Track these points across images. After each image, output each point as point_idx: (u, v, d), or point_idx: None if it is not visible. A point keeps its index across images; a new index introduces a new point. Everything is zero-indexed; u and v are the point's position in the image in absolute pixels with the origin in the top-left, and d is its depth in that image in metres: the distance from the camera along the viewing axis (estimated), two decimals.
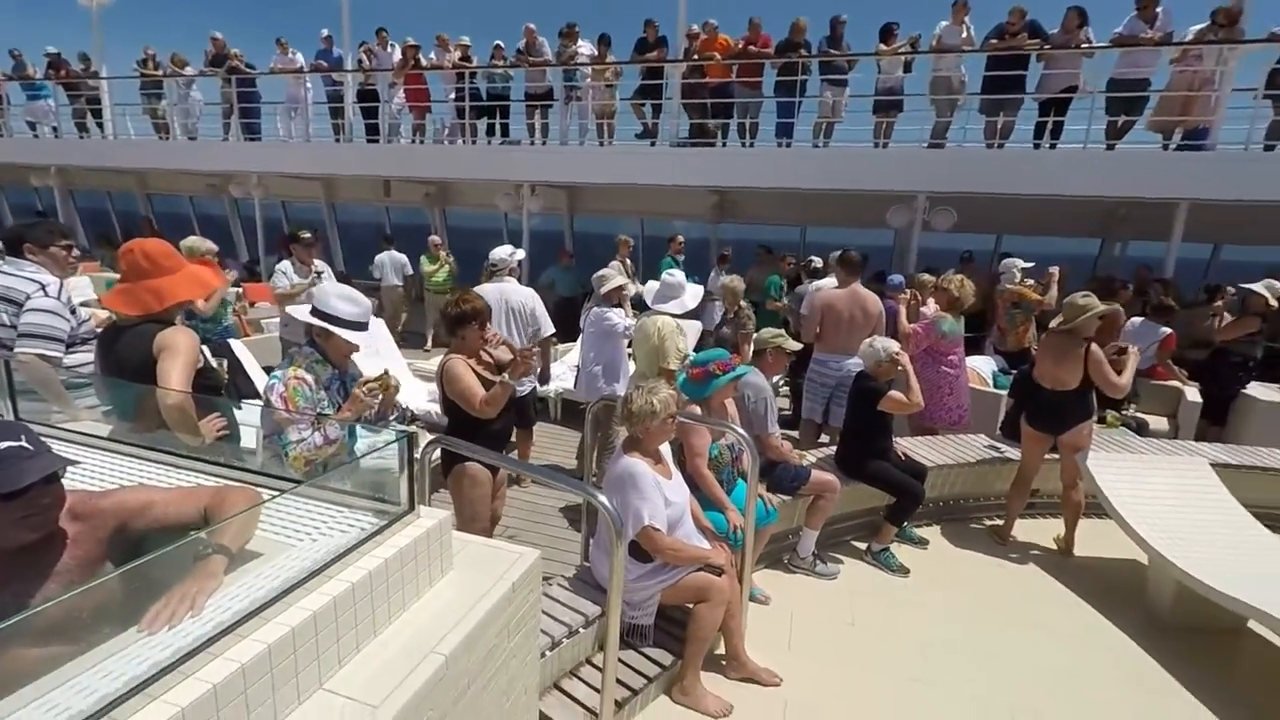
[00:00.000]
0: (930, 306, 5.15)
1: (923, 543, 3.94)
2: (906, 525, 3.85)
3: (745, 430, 2.98)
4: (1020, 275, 5.79)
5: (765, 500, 3.17)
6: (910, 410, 3.73)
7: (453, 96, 9.17)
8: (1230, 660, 3.03)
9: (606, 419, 4.29)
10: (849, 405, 3.89)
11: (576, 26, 8.57)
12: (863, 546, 3.79)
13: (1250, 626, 3.06)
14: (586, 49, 8.56)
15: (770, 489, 3.37)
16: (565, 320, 8.12)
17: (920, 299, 5.33)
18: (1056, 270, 5.70)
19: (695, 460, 3.00)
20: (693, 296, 4.25)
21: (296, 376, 2.32)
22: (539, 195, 8.71)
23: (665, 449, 2.74)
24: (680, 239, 7.84)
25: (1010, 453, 4.26)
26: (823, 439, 5.14)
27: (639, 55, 8.39)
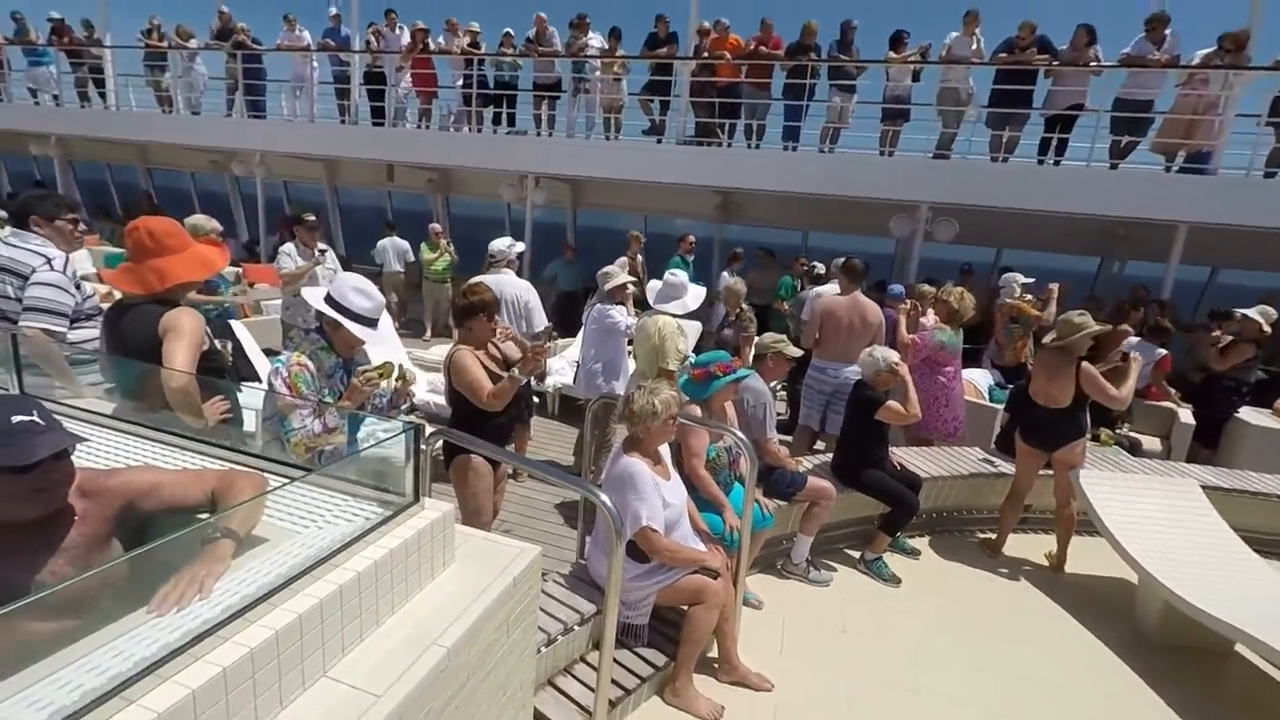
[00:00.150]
0: (929, 317, 5.18)
1: (915, 553, 3.97)
2: (900, 535, 3.88)
3: (744, 434, 2.99)
4: (1020, 290, 5.83)
5: (761, 505, 3.18)
6: (908, 421, 3.75)
7: (460, 83, 9.11)
8: (1216, 682, 3.07)
9: (604, 417, 4.30)
10: (846, 413, 3.91)
11: (588, 18, 8.53)
12: (856, 555, 3.81)
13: (1238, 650, 3.10)
14: (597, 41, 8.53)
15: (766, 494, 3.38)
16: (566, 315, 8.14)
17: (920, 309, 5.35)
18: (1056, 287, 5.74)
19: (692, 461, 3.01)
20: (694, 297, 4.26)
21: (299, 363, 2.31)
22: (543, 187, 8.68)
23: (664, 450, 2.75)
24: (691, 239, 7.77)
25: (1004, 467, 4.30)
26: (818, 446, 5.17)
27: (649, 51, 8.36)
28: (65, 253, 2.54)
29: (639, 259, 7.47)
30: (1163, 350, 5.49)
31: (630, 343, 4.44)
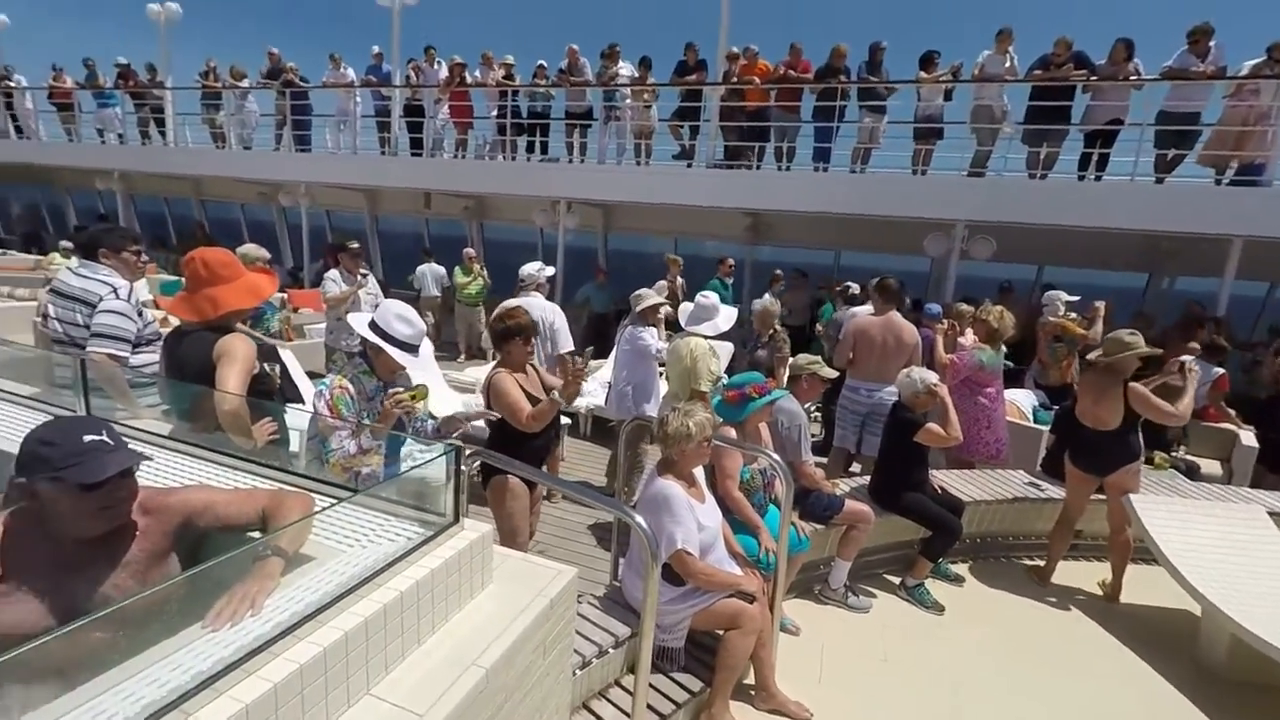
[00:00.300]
0: (968, 337, 5.07)
1: (958, 580, 3.83)
2: (941, 561, 3.76)
3: (778, 456, 2.96)
4: (1063, 308, 5.67)
5: (797, 528, 3.13)
6: (948, 444, 3.66)
7: (495, 113, 9.42)
8: None
9: (636, 439, 4.30)
10: (884, 435, 3.83)
11: (618, 47, 8.74)
12: (896, 580, 3.70)
13: None
14: (627, 70, 8.72)
15: (802, 517, 3.33)
16: (598, 337, 8.24)
17: (959, 329, 5.24)
18: (1102, 305, 5.57)
19: (726, 482, 2.99)
20: (726, 319, 4.26)
21: (341, 386, 2.40)
22: (575, 212, 8.85)
23: (699, 472, 2.74)
24: (730, 261, 7.77)
25: (1052, 491, 4.14)
26: (855, 468, 5.07)
27: (679, 78, 8.51)
28: (129, 282, 2.70)
29: (678, 282, 7.50)
30: (1220, 369, 5.25)
31: (662, 365, 4.45)
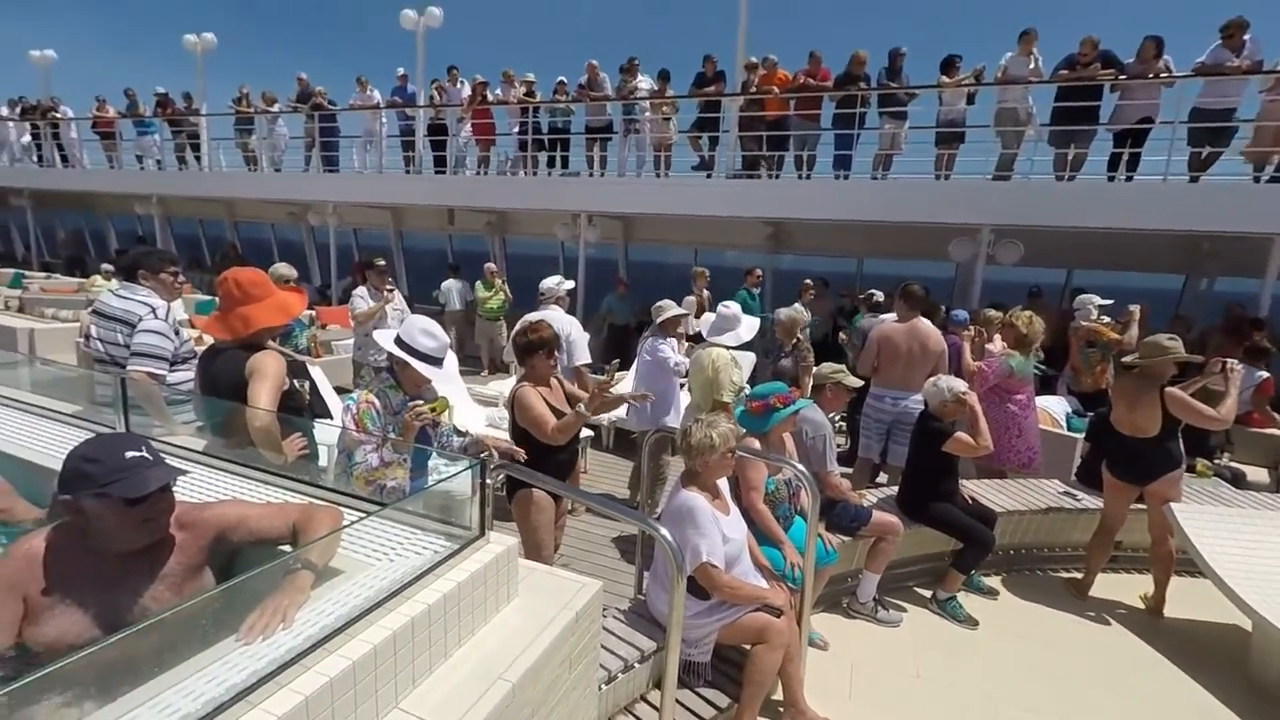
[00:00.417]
0: (997, 343, 4.96)
1: (991, 593, 3.73)
2: (974, 573, 3.67)
3: (803, 467, 2.92)
4: (1096, 312, 5.52)
5: (824, 540, 3.08)
6: (978, 454, 3.57)
7: (516, 130, 9.57)
8: None
9: (659, 450, 4.29)
10: (912, 445, 3.76)
11: (637, 61, 8.83)
12: (927, 594, 3.62)
13: None
14: (646, 84, 8.80)
15: (829, 528, 3.28)
16: (619, 348, 8.27)
17: (986, 335, 5.14)
18: (1136, 309, 5.41)
19: (750, 494, 2.95)
20: (748, 329, 4.24)
21: (367, 400, 2.45)
22: (596, 225, 8.92)
23: (723, 484, 2.71)
24: (758, 272, 7.70)
25: (1088, 501, 4.02)
26: (881, 478, 4.99)
27: (698, 89, 8.56)
28: (167, 302, 2.79)
29: (704, 294, 7.50)
30: (1264, 373, 5.06)
31: (686, 375, 4.45)
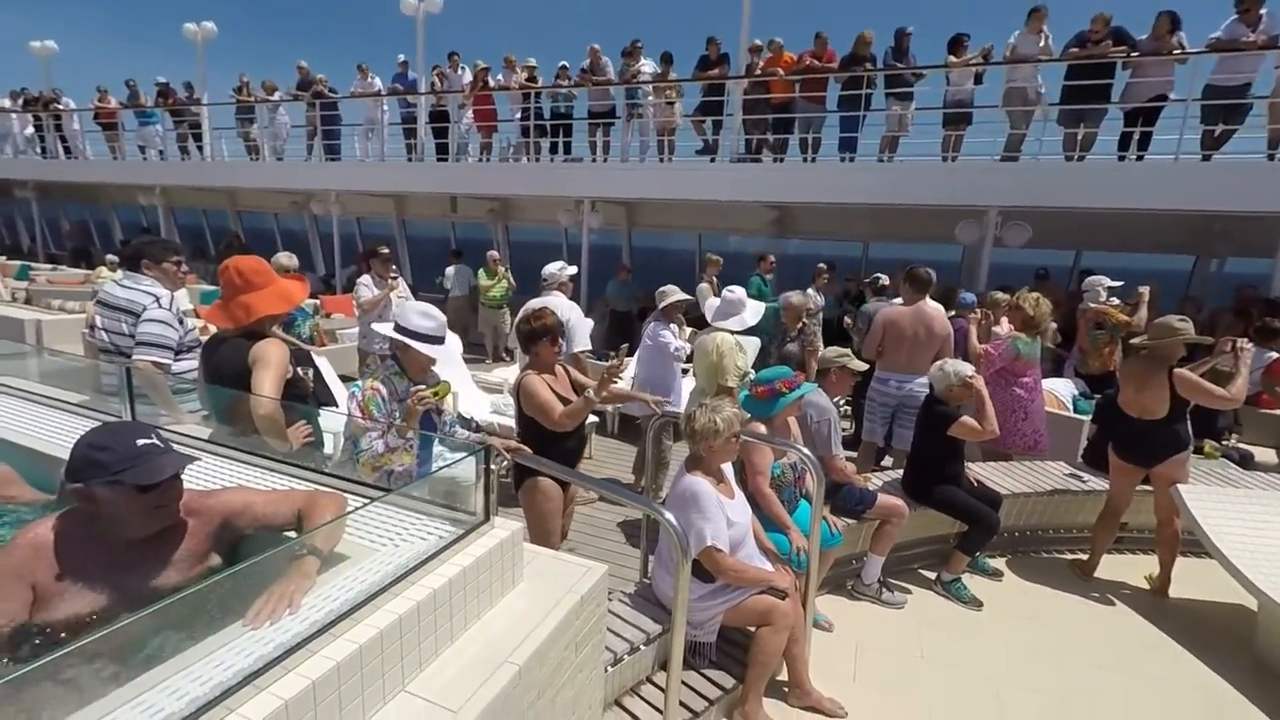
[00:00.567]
0: (1004, 326, 4.92)
1: (997, 575, 3.74)
2: (979, 555, 3.67)
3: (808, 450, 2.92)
4: (1105, 294, 5.47)
5: (830, 523, 3.09)
6: (983, 438, 3.55)
7: (519, 116, 9.49)
8: None
9: (660, 435, 4.29)
10: (918, 428, 3.75)
11: (640, 44, 8.72)
12: (932, 576, 3.63)
13: None
14: (649, 67, 8.69)
15: (834, 511, 3.28)
16: (620, 333, 8.28)
17: (994, 318, 5.10)
18: (1146, 290, 5.35)
19: (756, 479, 2.96)
20: (753, 313, 4.23)
21: (372, 387, 2.46)
22: (599, 211, 8.87)
23: (727, 468, 2.72)
24: (771, 259, 7.62)
25: (1094, 483, 4.00)
26: (886, 461, 4.98)
27: (701, 72, 8.45)
28: (170, 291, 2.79)
29: (714, 282, 7.46)
30: (1273, 354, 5.01)
31: (689, 359, 4.44)
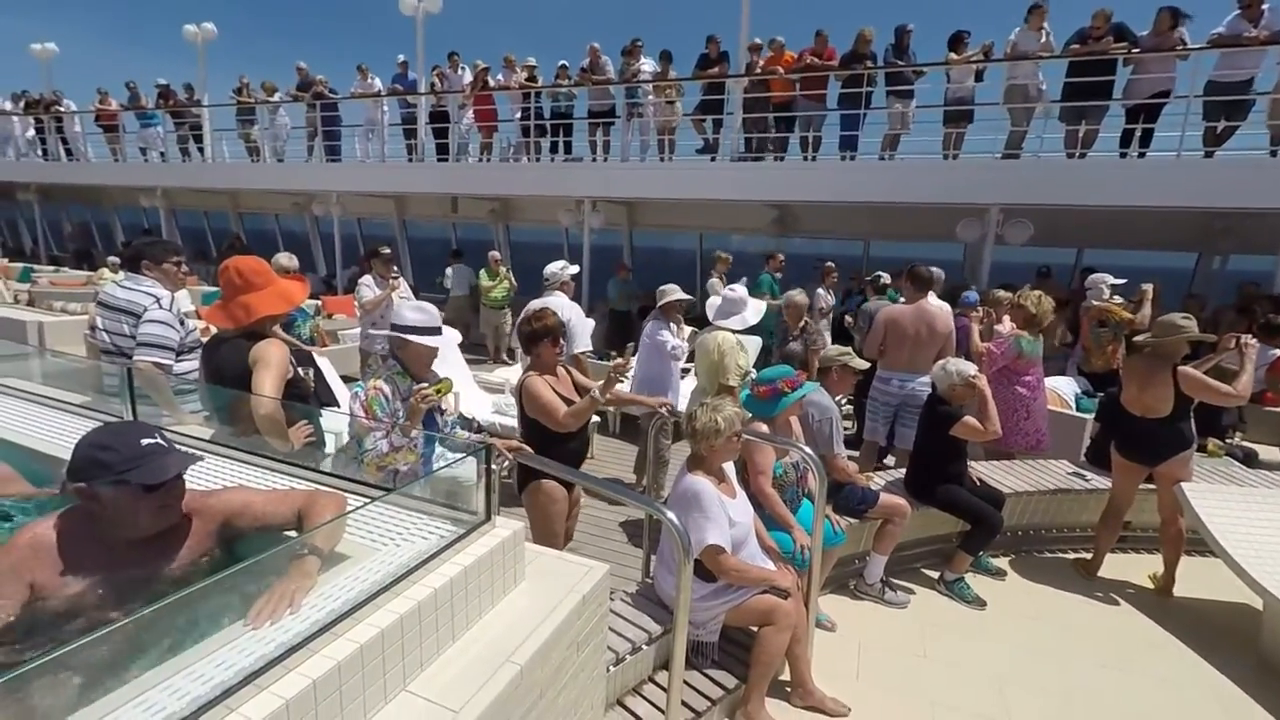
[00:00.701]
0: (1006, 324, 4.91)
1: (999, 574, 3.72)
2: (982, 555, 3.66)
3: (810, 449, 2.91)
4: (1109, 292, 5.45)
5: (832, 522, 3.08)
6: (986, 439, 3.54)
7: (519, 115, 9.48)
8: None
9: (659, 433, 4.28)
10: (920, 427, 3.74)
11: (640, 43, 8.71)
12: (935, 575, 3.62)
13: None
14: (649, 66, 8.69)
15: (836, 510, 3.27)
16: (619, 333, 8.30)
17: (995, 316, 5.09)
18: (1149, 287, 5.34)
19: (759, 479, 2.95)
20: (754, 312, 4.22)
21: (375, 387, 2.45)
22: (600, 210, 8.87)
23: (729, 467, 2.71)
24: (780, 257, 7.60)
25: (1097, 481, 3.99)
26: (889, 460, 4.97)
27: (701, 71, 8.44)
28: (171, 292, 2.79)
29: (724, 279, 7.44)
30: (1278, 351, 5.00)
31: (689, 358, 4.43)
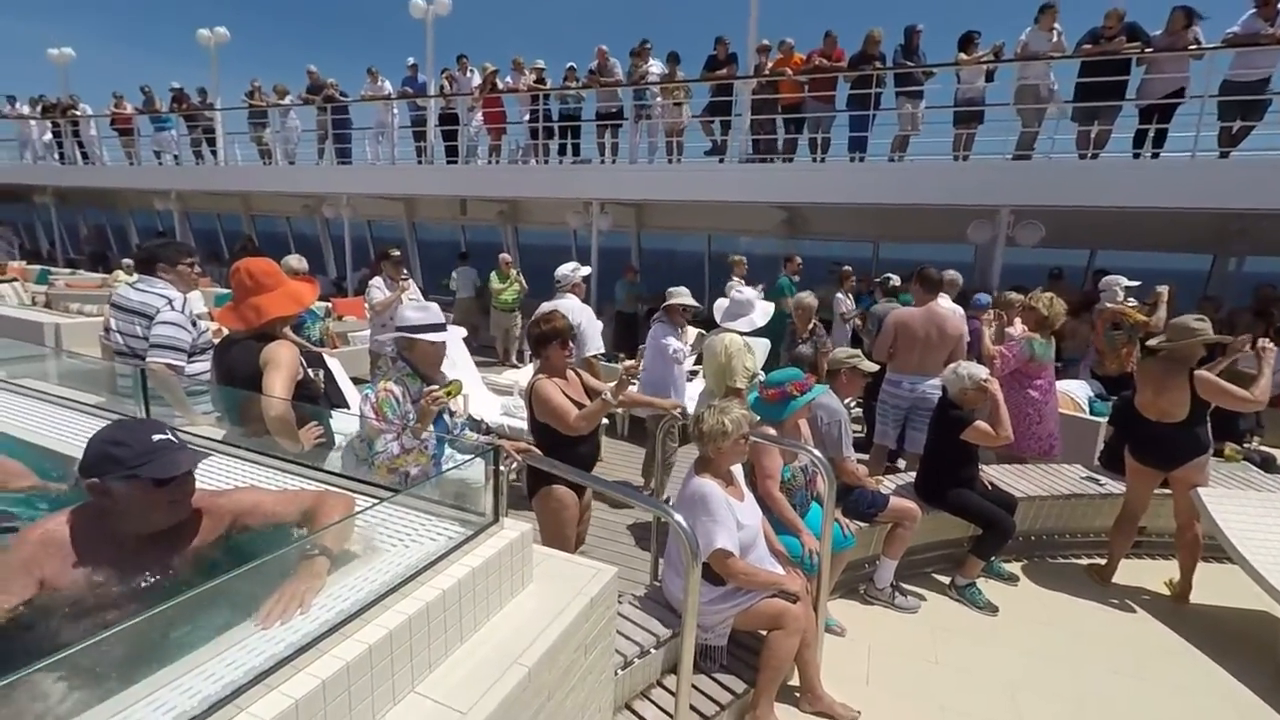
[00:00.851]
0: (1017, 327, 4.87)
1: (1012, 579, 3.69)
2: (994, 560, 3.63)
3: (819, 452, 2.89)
4: (1123, 294, 5.39)
5: (841, 526, 3.06)
6: (997, 444, 3.51)
7: (527, 118, 9.52)
8: None
9: (666, 436, 4.27)
10: (931, 431, 3.71)
11: (649, 44, 8.72)
12: (946, 580, 3.59)
13: None
14: (657, 68, 8.70)
15: (845, 514, 3.25)
16: (625, 334, 8.32)
17: (1007, 319, 5.04)
18: (1164, 289, 5.27)
19: (766, 482, 2.93)
20: (762, 314, 4.20)
21: (386, 389, 2.46)
22: (608, 212, 8.88)
23: (737, 470, 2.70)
24: (798, 260, 7.49)
25: (1111, 486, 3.95)
26: (900, 464, 4.94)
27: (709, 73, 8.44)
28: (183, 294, 2.81)
29: (742, 283, 7.42)
30: None
31: (683, 361, 4.44)
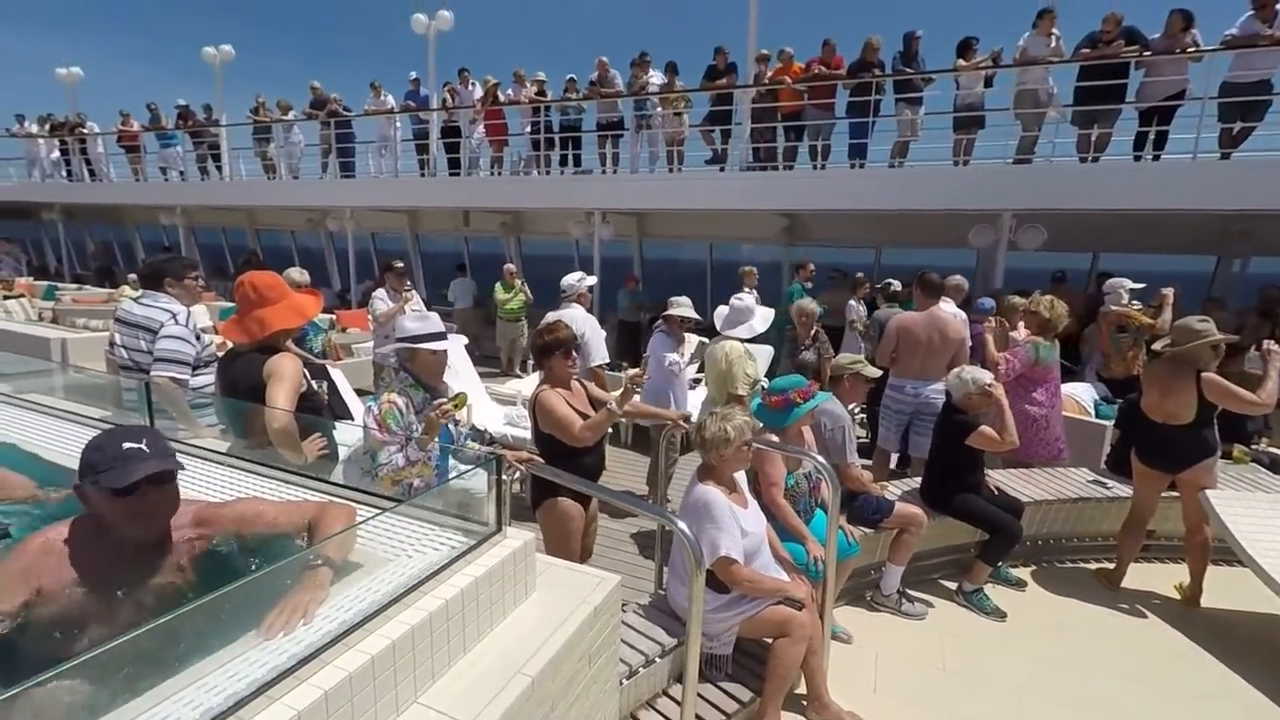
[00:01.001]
0: (1021, 331, 4.85)
1: (1019, 584, 3.65)
2: (1001, 565, 3.60)
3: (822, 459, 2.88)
4: (1128, 296, 5.38)
5: (846, 532, 3.04)
6: (1003, 449, 3.48)
7: (529, 129, 9.59)
8: None
9: (668, 444, 4.27)
10: (936, 436, 3.70)
11: (648, 55, 8.79)
12: (953, 586, 3.56)
13: None
14: (657, 78, 8.76)
15: (850, 521, 3.24)
16: (627, 343, 8.34)
17: (1010, 323, 5.03)
18: (1170, 292, 5.24)
19: (770, 490, 2.92)
20: (762, 320, 4.21)
21: (389, 400, 2.46)
22: (610, 222, 8.93)
23: (740, 477, 2.69)
24: (810, 266, 7.43)
25: (1118, 489, 3.92)
26: (905, 470, 4.91)
27: (709, 82, 8.49)
28: (188, 307, 2.84)
29: (754, 292, 7.42)
30: None
31: (679, 372, 4.44)
